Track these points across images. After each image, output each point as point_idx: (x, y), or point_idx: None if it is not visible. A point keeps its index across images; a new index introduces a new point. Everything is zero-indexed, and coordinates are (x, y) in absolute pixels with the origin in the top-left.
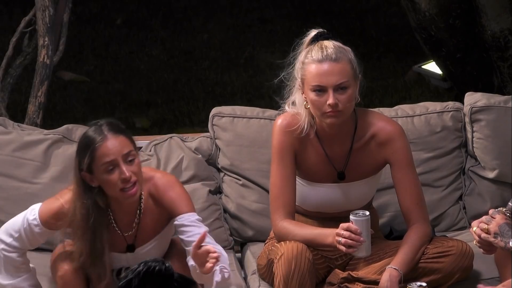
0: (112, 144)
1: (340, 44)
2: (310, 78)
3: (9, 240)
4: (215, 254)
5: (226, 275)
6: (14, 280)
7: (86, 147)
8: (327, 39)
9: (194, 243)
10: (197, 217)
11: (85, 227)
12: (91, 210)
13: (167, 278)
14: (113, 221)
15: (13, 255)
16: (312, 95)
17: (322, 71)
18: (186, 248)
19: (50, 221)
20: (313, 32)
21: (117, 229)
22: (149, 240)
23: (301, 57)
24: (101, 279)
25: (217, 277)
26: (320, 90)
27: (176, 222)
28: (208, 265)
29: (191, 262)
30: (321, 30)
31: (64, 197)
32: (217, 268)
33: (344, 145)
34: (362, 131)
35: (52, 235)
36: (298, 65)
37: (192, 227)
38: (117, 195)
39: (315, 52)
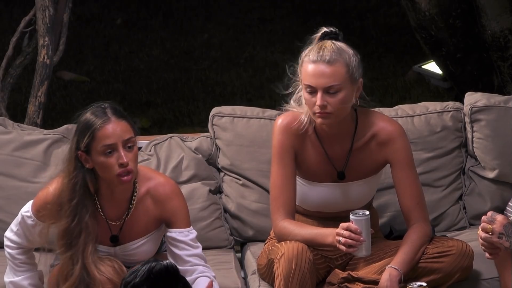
0: (114, 127)
1: (343, 46)
2: (304, 77)
3: (9, 234)
4: None
5: None
6: (15, 278)
7: (88, 127)
8: (333, 39)
9: None
10: (194, 235)
11: (67, 205)
12: (78, 189)
13: (175, 275)
14: (100, 208)
15: (14, 252)
16: (305, 94)
17: (314, 71)
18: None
19: (40, 211)
20: (321, 30)
21: (103, 216)
22: (138, 237)
23: (303, 55)
24: (72, 272)
25: None
26: (311, 90)
27: (170, 234)
28: None
29: None
30: (331, 29)
31: (53, 185)
32: None
33: (344, 145)
34: (362, 131)
35: (47, 230)
36: (300, 62)
37: (184, 244)
38: (111, 179)
39: (313, 52)
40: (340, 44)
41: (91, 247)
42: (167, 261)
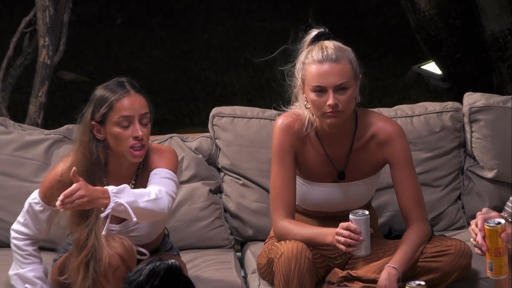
0: (133, 100)
1: (341, 44)
2: (310, 79)
3: (17, 226)
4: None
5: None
6: (20, 270)
7: (107, 97)
8: (327, 39)
9: None
10: (170, 174)
11: (84, 176)
12: (93, 159)
13: (178, 273)
14: (106, 184)
15: (21, 243)
16: (312, 96)
17: (322, 71)
18: None
19: (48, 193)
20: (314, 32)
21: None
22: None
23: (301, 57)
24: (86, 243)
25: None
26: (320, 90)
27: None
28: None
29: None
30: (322, 30)
31: (60, 165)
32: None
33: (344, 145)
34: (362, 131)
35: (55, 216)
36: (298, 65)
37: (156, 178)
38: (123, 152)
39: (316, 53)
40: (338, 43)
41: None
42: (171, 260)
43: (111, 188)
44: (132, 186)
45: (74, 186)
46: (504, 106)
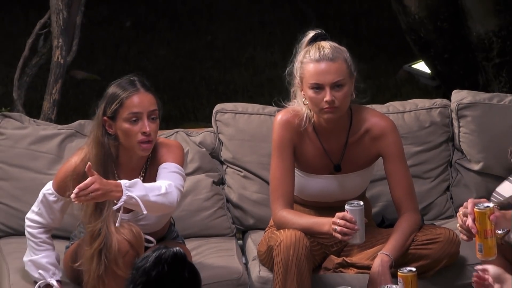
0: (142, 98)
1: (336, 45)
2: (308, 77)
3: (31, 215)
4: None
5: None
6: (34, 256)
7: (118, 95)
8: (324, 39)
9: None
10: (177, 169)
11: (96, 168)
12: (105, 152)
13: (183, 260)
14: (117, 176)
15: (35, 231)
16: (310, 93)
17: (319, 70)
18: None
19: (62, 184)
20: (311, 33)
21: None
22: None
23: (299, 57)
24: (100, 232)
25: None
26: (318, 87)
27: (160, 166)
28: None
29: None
30: (319, 31)
31: (74, 157)
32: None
33: (340, 139)
34: (357, 126)
35: (68, 206)
36: (297, 64)
37: (165, 173)
38: (132, 146)
39: (313, 52)
40: (334, 43)
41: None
42: (176, 248)
43: (124, 182)
44: (141, 178)
45: (89, 179)
46: (490, 102)
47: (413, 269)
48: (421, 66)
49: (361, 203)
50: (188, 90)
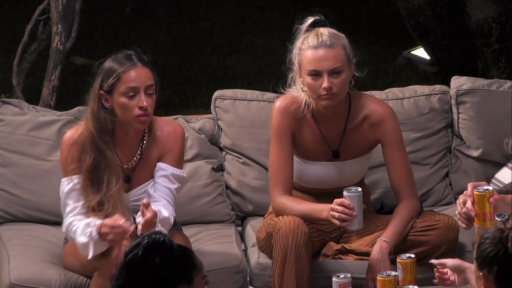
0: (139, 72)
1: (335, 31)
2: (306, 63)
3: (66, 219)
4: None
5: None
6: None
7: (115, 69)
8: (322, 26)
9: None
10: (178, 172)
11: (92, 141)
12: (102, 126)
13: (169, 248)
14: (114, 151)
15: (75, 219)
16: (308, 79)
17: (317, 56)
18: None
19: (67, 163)
20: (309, 19)
21: (116, 158)
22: (147, 181)
23: (298, 43)
24: (106, 207)
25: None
26: (316, 74)
27: (159, 164)
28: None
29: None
30: (317, 17)
31: (71, 131)
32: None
33: (338, 126)
34: (355, 112)
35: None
36: (295, 50)
37: (164, 178)
38: (129, 120)
39: (311, 39)
40: (332, 29)
41: (116, 182)
42: (163, 235)
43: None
44: (138, 156)
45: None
46: (489, 89)
47: (412, 255)
48: (420, 52)
49: (359, 189)
50: (187, 76)
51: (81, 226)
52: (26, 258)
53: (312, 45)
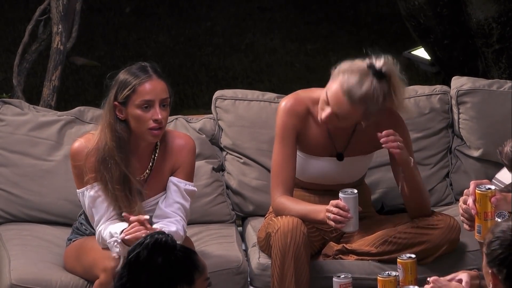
0: (155, 85)
1: (369, 92)
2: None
3: (97, 228)
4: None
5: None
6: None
7: (130, 81)
8: (377, 78)
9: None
10: (190, 187)
11: (114, 152)
12: (117, 137)
13: (172, 249)
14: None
15: (102, 228)
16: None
17: (330, 96)
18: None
19: (81, 176)
20: (373, 63)
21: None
22: (159, 193)
23: (339, 68)
24: (131, 206)
25: None
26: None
27: (171, 178)
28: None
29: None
30: (381, 65)
31: (81, 141)
32: None
33: (347, 129)
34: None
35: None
36: (336, 71)
37: (177, 194)
38: (143, 132)
39: (348, 80)
40: (370, 91)
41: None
42: (166, 235)
43: None
44: (150, 168)
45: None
46: (489, 89)
47: (413, 255)
48: (421, 52)
49: (355, 191)
50: (188, 76)
51: (107, 234)
52: (27, 258)
53: (341, 84)
